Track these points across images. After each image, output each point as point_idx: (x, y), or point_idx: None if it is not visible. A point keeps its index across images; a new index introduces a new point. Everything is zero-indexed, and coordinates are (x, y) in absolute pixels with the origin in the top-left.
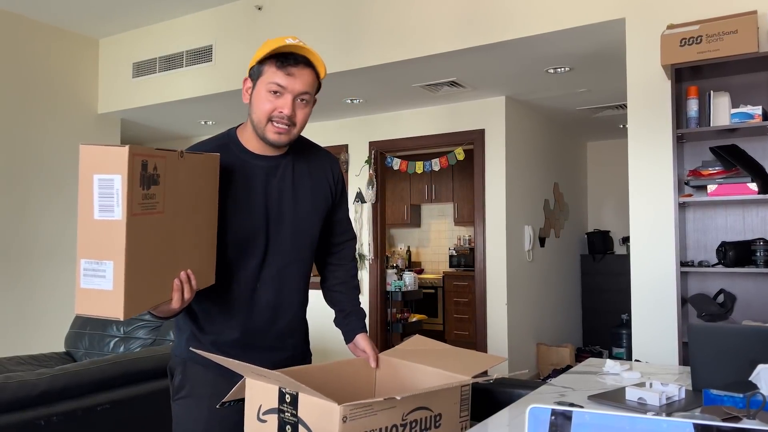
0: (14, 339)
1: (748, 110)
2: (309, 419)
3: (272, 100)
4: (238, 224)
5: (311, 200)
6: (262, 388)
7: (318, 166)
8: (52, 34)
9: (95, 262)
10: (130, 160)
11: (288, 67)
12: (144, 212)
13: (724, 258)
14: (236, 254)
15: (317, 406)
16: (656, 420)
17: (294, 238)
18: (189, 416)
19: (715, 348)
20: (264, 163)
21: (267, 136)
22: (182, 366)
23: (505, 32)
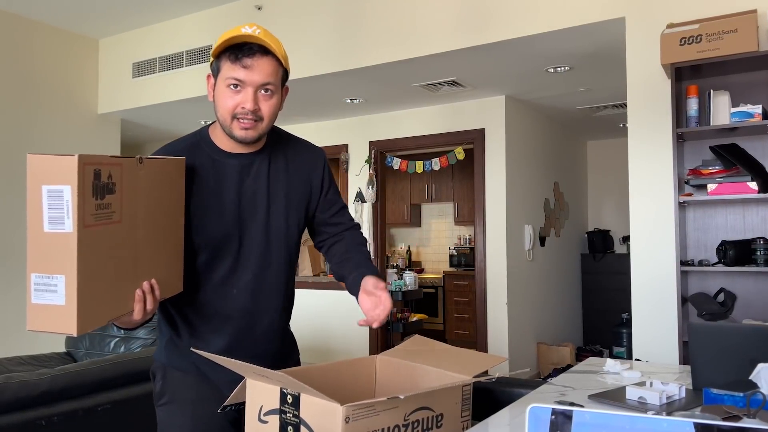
0: (15, 339)
1: (748, 109)
2: (311, 420)
3: (233, 96)
4: (210, 227)
5: (288, 198)
6: (263, 389)
7: (297, 160)
8: (51, 34)
9: (46, 276)
10: (80, 169)
11: (243, 59)
12: (98, 223)
13: (725, 257)
14: (209, 259)
15: (319, 406)
16: (656, 419)
17: (269, 239)
18: (173, 422)
19: (716, 347)
20: (236, 161)
21: (234, 133)
22: (162, 371)
23: (505, 31)
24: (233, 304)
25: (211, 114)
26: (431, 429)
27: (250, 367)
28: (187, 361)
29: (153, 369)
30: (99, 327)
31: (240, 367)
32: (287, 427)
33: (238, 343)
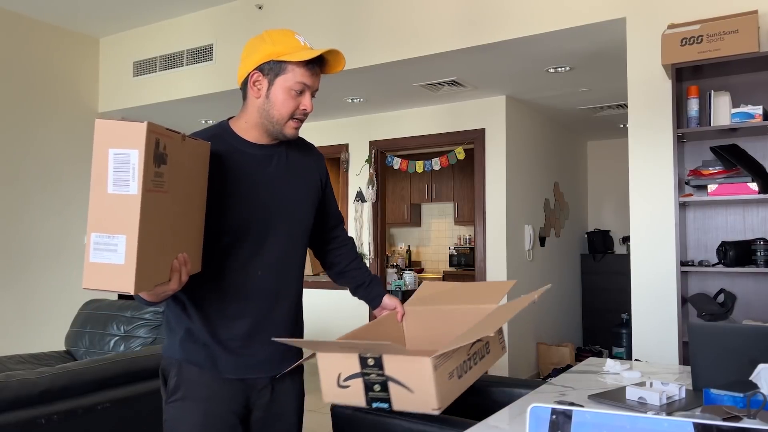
0: (15, 338)
1: (748, 110)
2: (399, 375)
3: (296, 98)
4: (234, 211)
5: (304, 189)
6: (336, 359)
7: (307, 157)
8: (52, 33)
9: (107, 236)
10: (148, 135)
11: (315, 68)
12: (155, 189)
13: (725, 257)
14: (233, 241)
15: (406, 362)
16: (656, 419)
17: (289, 225)
18: (184, 420)
19: (716, 347)
20: (258, 152)
21: (285, 131)
22: (177, 367)
23: (506, 31)
24: (258, 284)
25: (212, 113)
26: (484, 356)
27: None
28: (204, 354)
29: (165, 365)
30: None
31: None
32: (373, 386)
33: (258, 326)
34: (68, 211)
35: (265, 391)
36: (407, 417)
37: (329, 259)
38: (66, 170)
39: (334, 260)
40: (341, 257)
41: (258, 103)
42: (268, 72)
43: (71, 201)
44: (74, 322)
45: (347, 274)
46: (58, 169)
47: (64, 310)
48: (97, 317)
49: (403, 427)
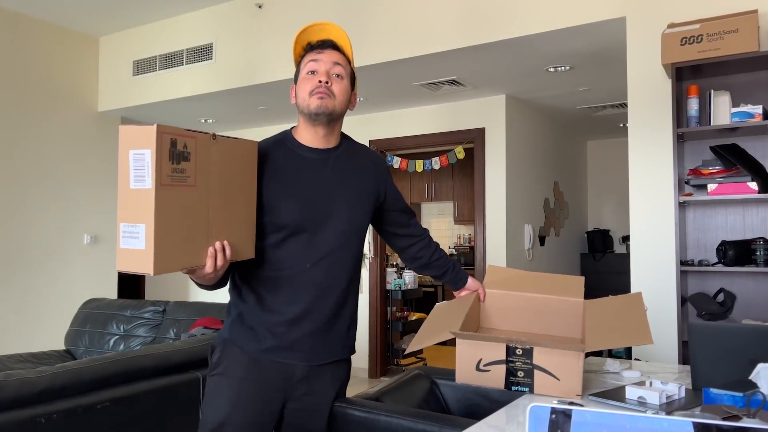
0: (14, 337)
1: (748, 109)
2: (547, 364)
3: (310, 79)
4: (290, 209)
5: (357, 192)
6: (479, 345)
7: (364, 162)
8: (52, 32)
9: (131, 225)
10: (158, 137)
11: (317, 48)
12: (174, 183)
13: (724, 257)
14: (287, 237)
15: (556, 354)
16: (656, 418)
17: (341, 224)
18: (219, 393)
19: (715, 347)
20: (315, 155)
21: (311, 108)
22: (222, 345)
23: (506, 31)
24: (308, 276)
25: (212, 112)
26: None
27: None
28: (248, 336)
29: (214, 343)
30: (173, 272)
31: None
32: (517, 372)
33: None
34: (67, 209)
35: (303, 383)
36: (406, 416)
37: (410, 253)
38: (65, 169)
39: (416, 254)
40: (422, 251)
41: (297, 107)
42: (296, 78)
43: (70, 200)
44: (74, 321)
45: (432, 265)
46: (58, 168)
47: (63, 309)
48: (96, 316)
49: (402, 426)
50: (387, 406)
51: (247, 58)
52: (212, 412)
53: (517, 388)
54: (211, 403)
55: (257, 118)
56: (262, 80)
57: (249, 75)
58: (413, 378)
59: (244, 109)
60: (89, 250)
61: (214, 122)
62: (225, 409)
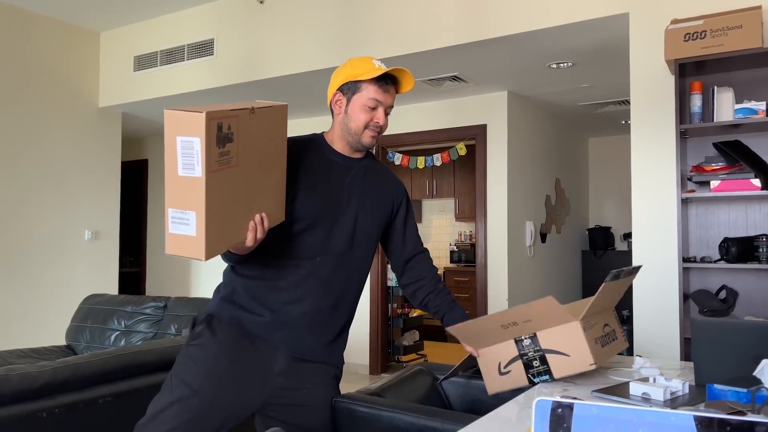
0: (15, 332)
1: (752, 106)
2: (555, 344)
3: (370, 112)
4: (313, 203)
5: (373, 203)
6: (494, 350)
7: (383, 181)
8: (52, 27)
9: (180, 211)
10: (207, 124)
11: (387, 86)
12: (220, 168)
13: (727, 254)
14: (302, 228)
15: (557, 331)
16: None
17: (352, 228)
18: (194, 362)
19: (719, 343)
20: (342, 161)
21: (363, 140)
22: (208, 319)
23: (508, 27)
24: (314, 269)
25: None
26: (614, 340)
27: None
28: (236, 313)
29: (197, 317)
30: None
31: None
32: (532, 362)
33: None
34: (69, 205)
35: (282, 376)
36: (409, 411)
37: (409, 290)
38: (67, 165)
39: (415, 292)
40: (421, 290)
41: (339, 118)
42: (347, 92)
43: (73, 195)
44: (75, 316)
45: (428, 306)
46: (59, 164)
47: (64, 304)
48: (97, 312)
49: (404, 422)
50: (389, 401)
51: (248, 54)
52: (182, 380)
53: (539, 378)
54: (183, 370)
55: None
56: (263, 76)
57: (250, 71)
58: (415, 374)
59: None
60: (90, 246)
61: None
62: (197, 379)
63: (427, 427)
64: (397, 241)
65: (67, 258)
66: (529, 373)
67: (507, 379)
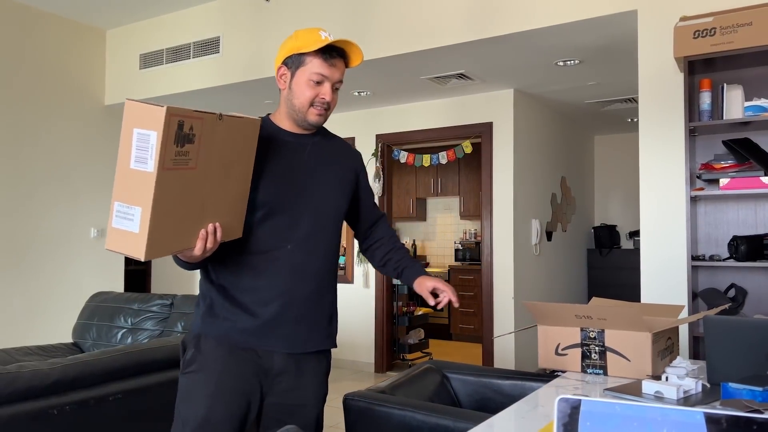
0: (22, 330)
1: (761, 103)
2: (618, 346)
3: (314, 88)
4: (269, 188)
5: (334, 177)
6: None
7: (340, 152)
8: (59, 25)
9: (126, 206)
10: (166, 120)
11: (332, 59)
12: (175, 167)
13: (736, 252)
14: (266, 215)
15: (626, 335)
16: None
17: (319, 206)
18: (195, 389)
19: (732, 341)
20: (294, 139)
21: (308, 118)
22: (196, 340)
23: (515, 24)
24: (288, 257)
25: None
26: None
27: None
28: (222, 327)
29: (185, 339)
30: (163, 257)
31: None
32: (591, 354)
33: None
34: (75, 203)
35: (283, 377)
36: (420, 409)
37: (371, 254)
38: (73, 162)
39: (374, 254)
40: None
41: (284, 94)
42: (291, 65)
43: (79, 193)
44: (81, 314)
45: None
46: (66, 161)
47: (70, 302)
48: (104, 309)
49: (416, 420)
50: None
51: (253, 52)
52: (192, 410)
53: (592, 370)
54: (188, 400)
55: (263, 111)
56: (268, 74)
57: (256, 69)
58: (424, 372)
59: (250, 102)
60: (96, 244)
61: None
62: (205, 405)
63: (438, 426)
64: (363, 210)
65: (73, 255)
66: (584, 363)
67: (561, 360)
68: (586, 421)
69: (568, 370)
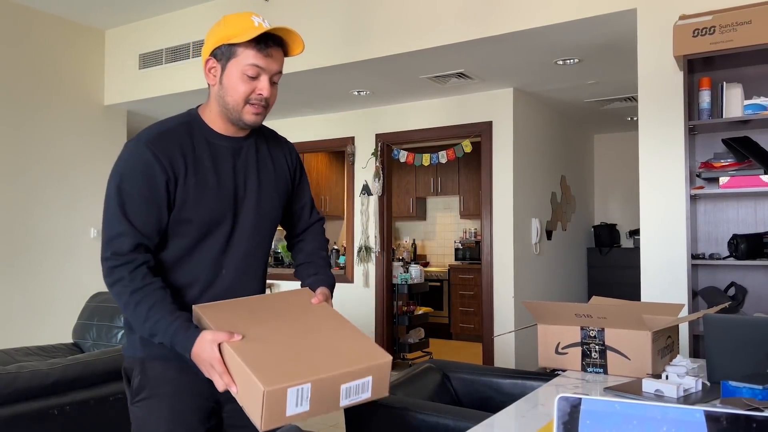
0: (21, 330)
1: (761, 102)
2: (617, 344)
3: (249, 82)
4: (206, 205)
5: (274, 182)
6: (557, 329)
7: (277, 149)
8: (58, 25)
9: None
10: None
11: (268, 49)
12: None
13: (736, 251)
14: (202, 235)
15: (626, 334)
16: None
17: (258, 220)
18: (151, 417)
19: (731, 340)
20: (229, 144)
21: (244, 117)
22: (140, 366)
23: (514, 23)
24: (222, 283)
25: None
26: (672, 351)
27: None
28: (164, 349)
29: (127, 366)
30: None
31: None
32: (591, 353)
33: None
34: (75, 203)
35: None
36: (421, 409)
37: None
38: (72, 162)
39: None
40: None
41: (215, 90)
42: (221, 57)
43: (78, 193)
44: (81, 314)
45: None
46: (65, 162)
47: (69, 302)
48: (104, 309)
49: (416, 419)
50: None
51: None
52: None
53: (592, 369)
54: (146, 429)
55: None
56: None
57: None
58: (425, 371)
59: None
60: (95, 244)
61: None
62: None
63: (439, 425)
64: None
65: (73, 256)
66: (584, 362)
67: (561, 359)
68: (586, 420)
69: (568, 369)
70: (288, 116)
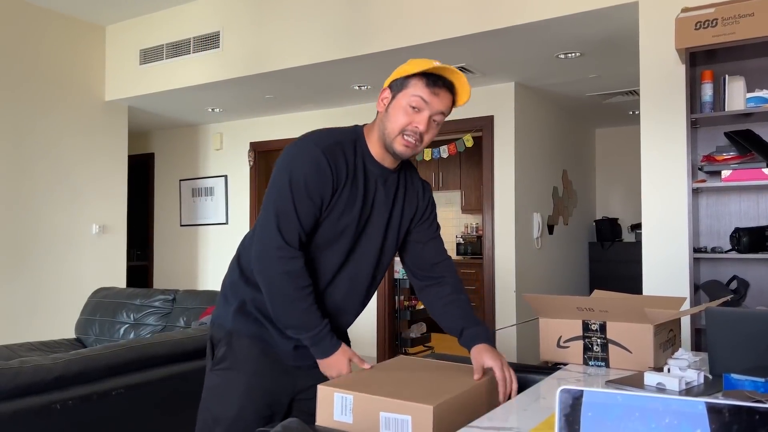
0: (24, 326)
1: (763, 94)
2: (619, 338)
3: (410, 114)
4: (338, 217)
5: (402, 219)
6: (559, 323)
7: (413, 188)
8: (58, 20)
9: None
10: None
11: (436, 87)
12: None
13: (738, 244)
14: (324, 245)
15: (628, 328)
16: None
17: (377, 249)
18: (228, 387)
19: (733, 333)
20: (380, 172)
21: (394, 147)
22: (228, 337)
23: (516, 17)
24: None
25: (219, 101)
26: (674, 344)
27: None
28: (255, 328)
29: (215, 334)
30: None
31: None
32: (593, 346)
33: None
34: (76, 199)
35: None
36: None
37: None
38: (72, 159)
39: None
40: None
41: (380, 116)
42: (394, 88)
43: (79, 189)
44: (84, 309)
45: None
46: (65, 158)
47: (72, 298)
48: (107, 305)
49: None
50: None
51: (254, 47)
52: (222, 408)
53: (594, 363)
54: (219, 397)
55: (264, 107)
56: (269, 68)
57: (256, 63)
58: None
59: (251, 97)
60: (97, 240)
61: (221, 111)
62: (236, 405)
63: None
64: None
65: (75, 252)
66: (586, 355)
67: (562, 352)
68: (588, 412)
69: (570, 363)
70: (289, 112)
